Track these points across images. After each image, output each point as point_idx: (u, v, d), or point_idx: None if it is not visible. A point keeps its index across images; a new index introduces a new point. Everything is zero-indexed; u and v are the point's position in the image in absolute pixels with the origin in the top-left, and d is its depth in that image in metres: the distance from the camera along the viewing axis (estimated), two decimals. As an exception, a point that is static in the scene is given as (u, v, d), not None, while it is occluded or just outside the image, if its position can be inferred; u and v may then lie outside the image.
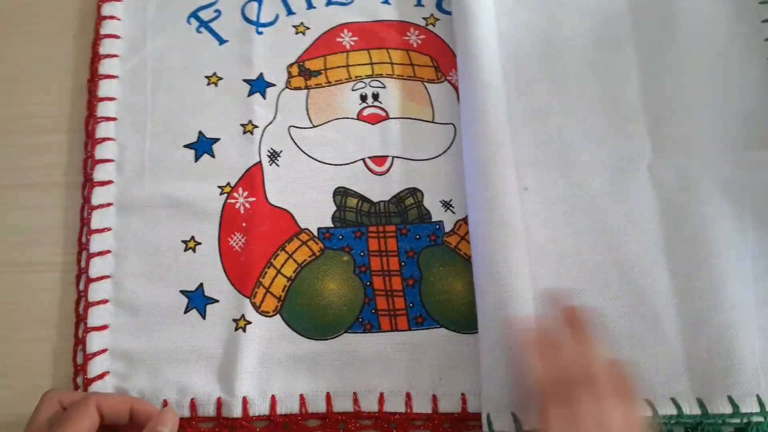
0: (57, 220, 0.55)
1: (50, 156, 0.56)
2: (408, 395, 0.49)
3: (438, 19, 0.60)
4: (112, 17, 0.59)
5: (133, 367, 0.50)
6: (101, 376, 0.50)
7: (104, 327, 0.51)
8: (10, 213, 0.55)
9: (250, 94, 0.57)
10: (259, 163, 0.55)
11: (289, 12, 0.60)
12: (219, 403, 0.49)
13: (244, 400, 0.49)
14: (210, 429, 0.49)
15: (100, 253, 0.52)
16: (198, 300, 0.52)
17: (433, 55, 0.58)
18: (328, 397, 0.49)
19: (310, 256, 0.53)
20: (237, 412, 0.48)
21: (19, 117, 0.58)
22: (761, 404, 0.45)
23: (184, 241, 0.53)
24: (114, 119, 0.56)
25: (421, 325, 0.51)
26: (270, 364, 0.50)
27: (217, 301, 0.52)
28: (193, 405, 0.49)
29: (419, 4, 0.60)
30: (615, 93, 0.55)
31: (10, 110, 0.58)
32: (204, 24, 0.59)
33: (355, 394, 0.49)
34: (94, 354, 0.50)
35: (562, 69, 0.56)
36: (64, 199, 0.55)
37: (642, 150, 0.53)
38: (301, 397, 0.49)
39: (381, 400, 0.49)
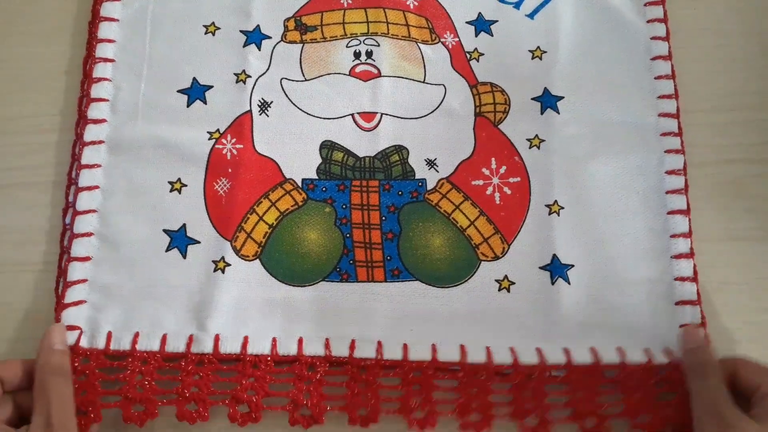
0: (53, 220, 0.55)
1: (46, 155, 0.57)
2: (379, 343, 0.50)
3: (435, -18, 0.60)
4: (115, -38, 0.60)
5: (109, 299, 0.51)
6: (77, 303, 0.50)
7: (87, 258, 0.52)
8: (6, 212, 0.56)
9: (246, 44, 0.58)
10: (249, 112, 0.56)
11: (289, -33, 0.61)
12: (190, 339, 0.49)
13: (216, 337, 0.49)
14: (176, 365, 0.49)
15: (89, 188, 0.53)
16: (180, 239, 0.53)
17: (429, 17, 0.59)
18: (300, 341, 0.50)
19: (292, 206, 0.54)
20: (208, 347, 0.49)
21: (14, 116, 0.58)
22: None
23: (170, 182, 0.54)
24: (112, 61, 0.57)
25: (397, 277, 0.52)
26: (246, 306, 0.51)
27: (198, 242, 0.53)
28: (164, 339, 0.49)
29: (417, -35, 0.61)
30: None
31: (5, 110, 0.58)
32: (205, -27, 0.60)
33: (327, 340, 0.50)
34: (74, 282, 0.51)
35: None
36: (59, 199, 0.55)
37: None
38: (274, 339, 0.50)
39: (352, 346, 0.49)
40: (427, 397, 0.48)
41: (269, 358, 0.49)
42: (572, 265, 0.52)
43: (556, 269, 0.52)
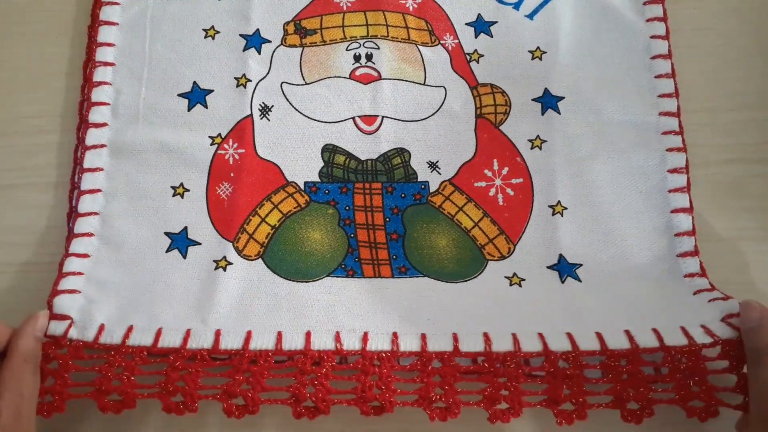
0: (54, 220, 0.55)
1: (46, 156, 0.57)
2: (395, 334, 0.47)
3: (435, -16, 0.61)
4: (114, -34, 0.60)
5: (105, 294, 0.49)
6: (71, 291, 0.49)
7: (85, 255, 0.51)
8: (6, 213, 0.56)
9: (246, 48, 0.58)
10: (250, 116, 0.56)
11: (288, -29, 0.61)
12: (187, 334, 0.47)
13: (217, 332, 0.47)
14: (164, 360, 0.46)
15: (91, 191, 0.53)
16: (180, 241, 0.52)
17: (429, 19, 0.59)
18: (307, 335, 0.47)
19: (295, 207, 0.54)
20: (207, 342, 0.46)
21: (15, 117, 0.58)
22: None
23: (173, 187, 0.54)
24: (112, 64, 0.57)
25: (404, 274, 0.52)
26: (250, 302, 0.50)
27: (199, 243, 0.52)
28: (158, 334, 0.47)
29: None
30: None
31: (5, 110, 0.58)
32: (204, -23, 0.60)
33: (337, 333, 0.47)
34: (69, 273, 0.50)
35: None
36: (60, 200, 0.55)
37: None
38: (279, 333, 0.47)
39: (365, 338, 0.47)
40: (450, 387, 0.45)
41: (270, 353, 0.46)
42: (580, 264, 0.52)
43: (564, 268, 0.52)
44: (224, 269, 0.51)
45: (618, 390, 0.45)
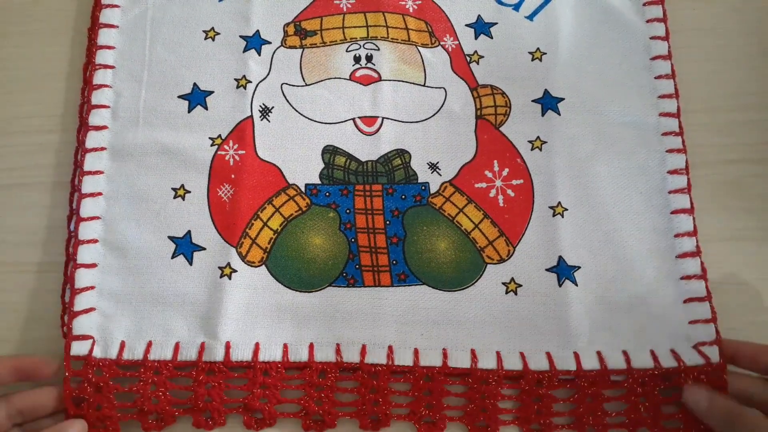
0: (54, 220, 0.55)
1: (47, 156, 0.57)
2: (390, 348, 0.50)
3: (435, -15, 0.61)
4: (114, -32, 0.60)
5: (119, 307, 0.51)
6: (87, 311, 0.50)
7: (93, 265, 0.52)
8: (6, 212, 0.56)
9: (246, 50, 0.58)
10: (250, 117, 0.56)
11: (288, -28, 0.61)
12: (202, 347, 0.49)
13: (227, 345, 0.49)
14: (187, 374, 0.49)
15: (92, 195, 0.53)
16: (185, 246, 0.53)
17: (428, 20, 0.59)
18: (311, 347, 0.50)
19: (296, 211, 0.54)
20: (219, 355, 0.49)
21: (15, 117, 0.58)
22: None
23: (174, 189, 0.54)
24: (112, 67, 0.57)
25: (403, 282, 0.52)
26: (255, 313, 0.51)
27: (203, 248, 0.52)
28: (176, 348, 0.49)
29: (417, -31, 0.61)
30: None
31: (6, 110, 0.58)
32: (204, -21, 0.60)
33: (338, 345, 0.50)
34: (82, 289, 0.51)
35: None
36: (60, 199, 0.55)
37: None
38: (285, 346, 0.50)
39: (363, 351, 0.50)
40: (438, 403, 0.49)
41: (280, 365, 0.49)
42: (578, 267, 0.52)
43: (563, 271, 0.52)
44: (229, 277, 0.52)
45: (580, 412, 0.48)
